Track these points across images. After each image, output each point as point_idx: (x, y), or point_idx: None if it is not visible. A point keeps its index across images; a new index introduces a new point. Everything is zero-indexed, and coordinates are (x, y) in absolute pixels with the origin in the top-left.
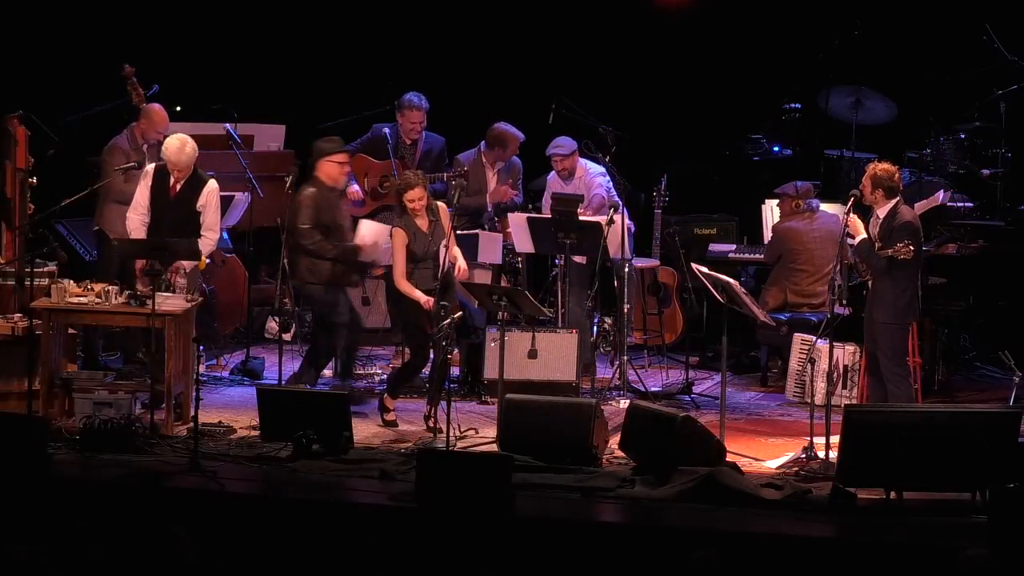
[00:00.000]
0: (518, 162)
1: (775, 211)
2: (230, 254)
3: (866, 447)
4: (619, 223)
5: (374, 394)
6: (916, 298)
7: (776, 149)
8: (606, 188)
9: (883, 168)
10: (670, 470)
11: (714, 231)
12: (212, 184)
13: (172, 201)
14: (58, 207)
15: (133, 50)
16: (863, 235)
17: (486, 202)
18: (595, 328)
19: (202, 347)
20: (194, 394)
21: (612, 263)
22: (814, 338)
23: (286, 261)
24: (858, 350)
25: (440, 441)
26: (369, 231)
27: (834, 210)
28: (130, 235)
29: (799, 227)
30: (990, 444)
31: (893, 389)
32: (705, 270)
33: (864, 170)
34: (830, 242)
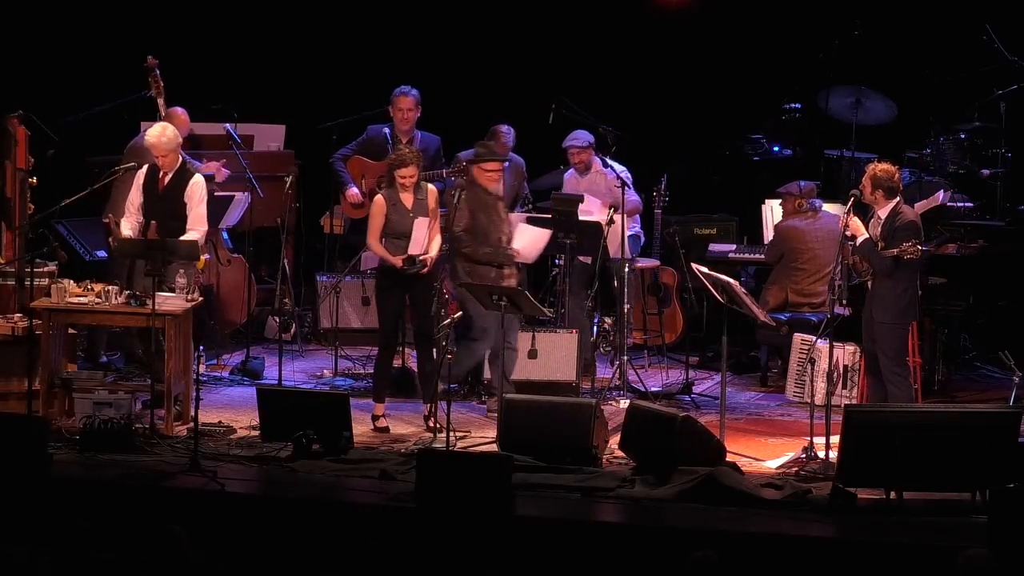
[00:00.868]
0: (520, 160)
1: (775, 211)
2: (236, 255)
3: (866, 447)
4: (619, 223)
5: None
6: (916, 298)
7: (776, 149)
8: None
9: (883, 168)
10: (670, 470)
11: (714, 231)
12: (197, 177)
13: (161, 194)
14: (58, 207)
15: (133, 50)
16: (865, 235)
17: None
18: (595, 328)
19: (202, 347)
20: (194, 394)
21: (612, 263)
22: (814, 338)
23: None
24: (858, 350)
25: (440, 441)
26: (528, 237)
27: (834, 210)
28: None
29: (802, 226)
30: (990, 444)
31: (893, 389)
32: (705, 270)
33: (864, 170)
34: (832, 242)
